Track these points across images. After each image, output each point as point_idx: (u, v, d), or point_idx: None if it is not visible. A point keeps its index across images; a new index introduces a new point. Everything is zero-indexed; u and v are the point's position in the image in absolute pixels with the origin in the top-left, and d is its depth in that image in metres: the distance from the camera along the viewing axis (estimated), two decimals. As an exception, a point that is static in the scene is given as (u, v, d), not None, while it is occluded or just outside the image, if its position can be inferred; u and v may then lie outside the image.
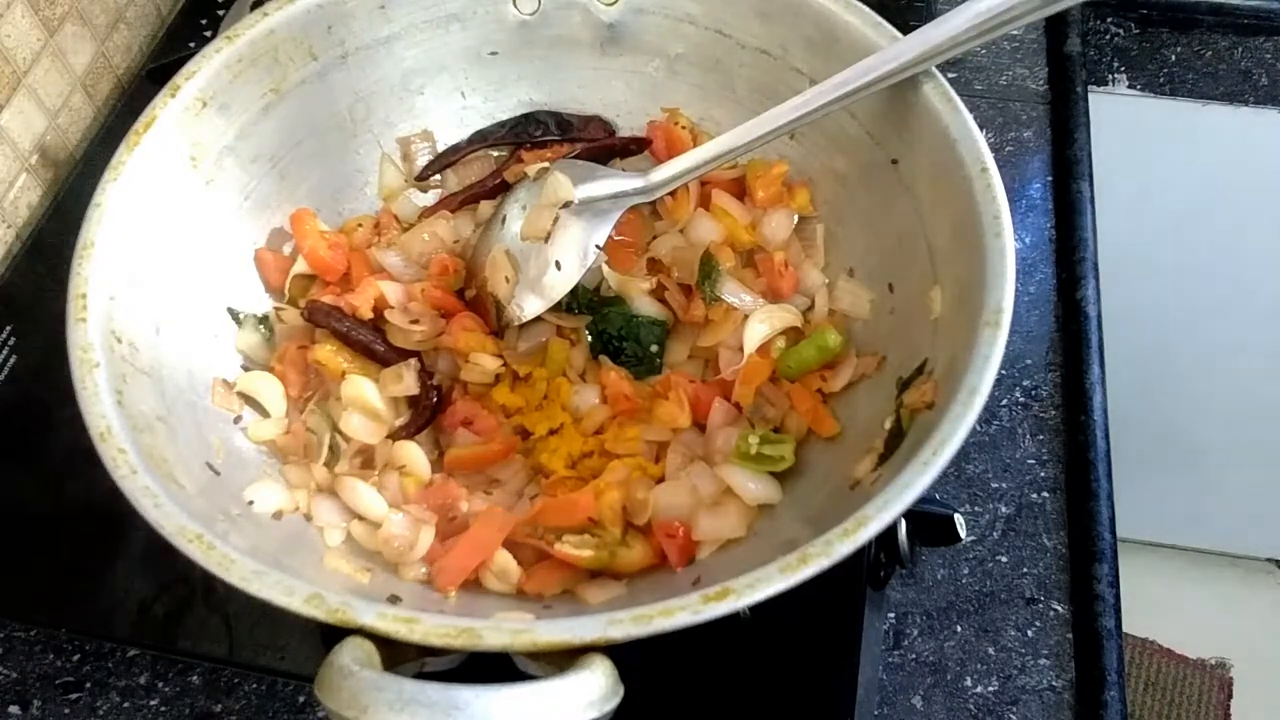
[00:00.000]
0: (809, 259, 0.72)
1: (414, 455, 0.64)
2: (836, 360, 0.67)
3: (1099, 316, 0.80)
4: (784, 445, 0.63)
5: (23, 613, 0.68)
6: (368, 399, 0.66)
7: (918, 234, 0.64)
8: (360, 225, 0.75)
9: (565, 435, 0.66)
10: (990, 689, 0.66)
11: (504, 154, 0.78)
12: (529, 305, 0.69)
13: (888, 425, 0.59)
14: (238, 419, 0.65)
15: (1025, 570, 0.70)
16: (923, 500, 0.48)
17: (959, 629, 0.68)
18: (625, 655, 0.45)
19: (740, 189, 0.74)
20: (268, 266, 0.71)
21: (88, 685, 0.66)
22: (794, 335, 0.70)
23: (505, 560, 0.60)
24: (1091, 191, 0.86)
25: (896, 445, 0.57)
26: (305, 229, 0.71)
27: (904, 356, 0.62)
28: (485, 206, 0.75)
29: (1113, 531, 0.70)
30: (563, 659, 0.44)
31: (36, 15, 0.84)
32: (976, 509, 0.72)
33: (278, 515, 0.61)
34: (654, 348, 0.69)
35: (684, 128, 0.76)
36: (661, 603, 0.45)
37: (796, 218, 0.73)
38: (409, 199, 0.77)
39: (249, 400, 0.66)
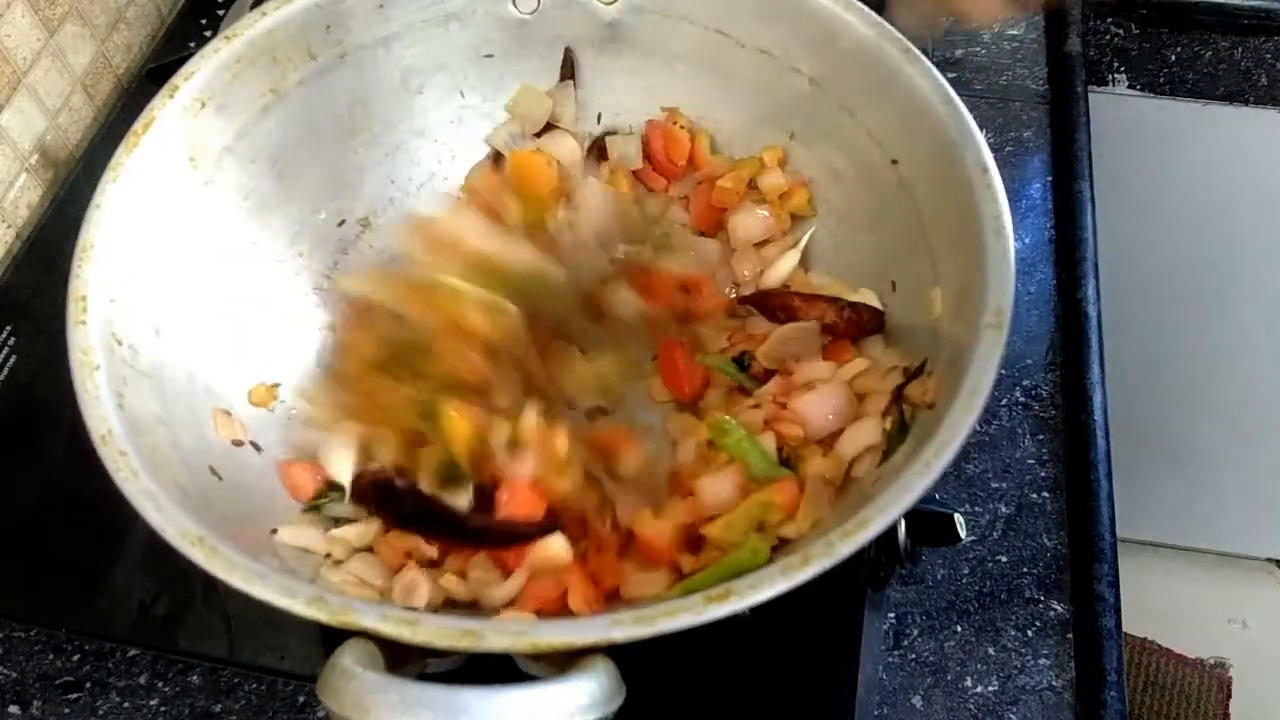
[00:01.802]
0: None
1: None
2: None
3: (1099, 316, 0.80)
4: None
5: (23, 613, 0.68)
6: None
7: (918, 234, 0.64)
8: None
9: None
10: (990, 689, 0.66)
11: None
12: None
13: (888, 425, 0.59)
14: (238, 443, 0.63)
15: (1025, 570, 0.70)
16: (923, 500, 0.48)
17: (959, 629, 0.68)
18: (626, 655, 0.45)
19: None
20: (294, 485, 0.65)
21: (88, 685, 0.66)
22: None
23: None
24: (1091, 191, 0.86)
25: (897, 445, 0.57)
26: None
27: (904, 356, 0.62)
28: None
29: (1113, 531, 0.70)
30: (565, 660, 0.44)
31: (36, 15, 0.84)
32: (976, 509, 0.72)
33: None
34: None
35: (683, 128, 0.76)
36: (664, 603, 0.45)
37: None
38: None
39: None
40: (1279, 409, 1.47)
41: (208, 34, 0.97)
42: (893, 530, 0.60)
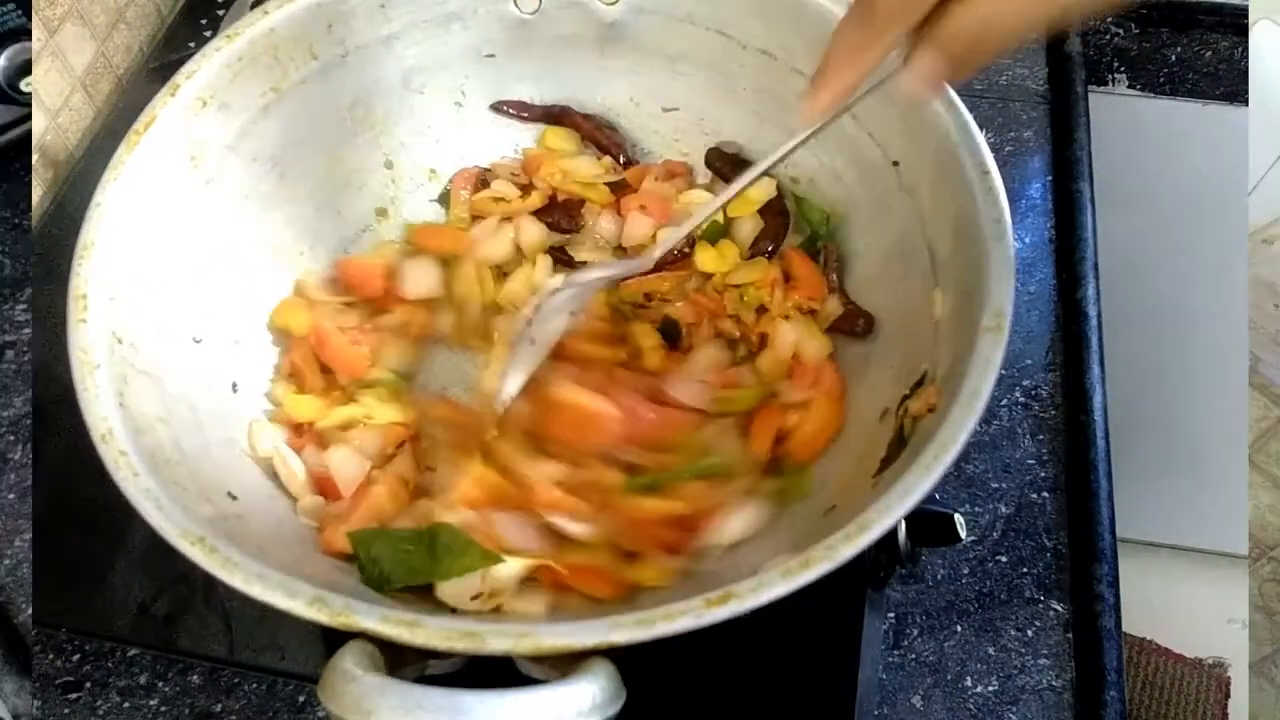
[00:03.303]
0: None
1: None
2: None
3: (1099, 316, 0.80)
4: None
5: (23, 613, 0.68)
6: None
7: (918, 236, 0.64)
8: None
9: None
10: (990, 689, 0.66)
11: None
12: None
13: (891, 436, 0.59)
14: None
15: (1025, 570, 0.70)
16: (923, 501, 0.48)
17: (959, 629, 0.68)
18: (626, 657, 0.45)
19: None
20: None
21: (88, 685, 0.66)
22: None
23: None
24: (1091, 191, 0.86)
25: (899, 451, 0.56)
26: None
27: (904, 364, 0.62)
28: None
29: (1113, 531, 0.70)
30: (565, 662, 0.45)
31: (36, 15, 0.84)
32: (976, 509, 0.72)
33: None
34: None
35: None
36: (664, 606, 0.45)
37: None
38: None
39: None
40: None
41: (208, 34, 0.97)
42: (893, 531, 0.60)
